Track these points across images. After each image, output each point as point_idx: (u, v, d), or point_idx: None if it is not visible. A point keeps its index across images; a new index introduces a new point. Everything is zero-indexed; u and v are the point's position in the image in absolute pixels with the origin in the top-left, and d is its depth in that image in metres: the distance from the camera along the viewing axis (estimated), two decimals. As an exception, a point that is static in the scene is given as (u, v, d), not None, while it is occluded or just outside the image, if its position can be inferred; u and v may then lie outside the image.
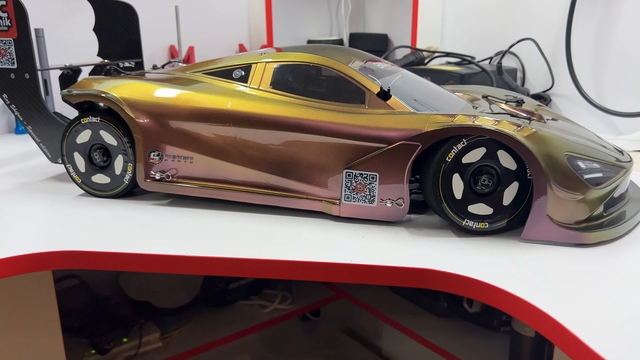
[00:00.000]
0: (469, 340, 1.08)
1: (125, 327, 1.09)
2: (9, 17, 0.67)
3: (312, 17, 1.44)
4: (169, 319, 1.16)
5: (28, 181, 0.72)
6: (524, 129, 0.49)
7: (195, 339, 1.15)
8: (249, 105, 0.58)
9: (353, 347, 1.44)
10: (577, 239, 0.50)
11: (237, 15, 1.33)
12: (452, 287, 0.44)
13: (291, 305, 1.29)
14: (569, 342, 0.37)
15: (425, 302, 1.19)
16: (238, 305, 1.27)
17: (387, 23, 1.40)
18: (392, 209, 0.55)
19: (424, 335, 1.14)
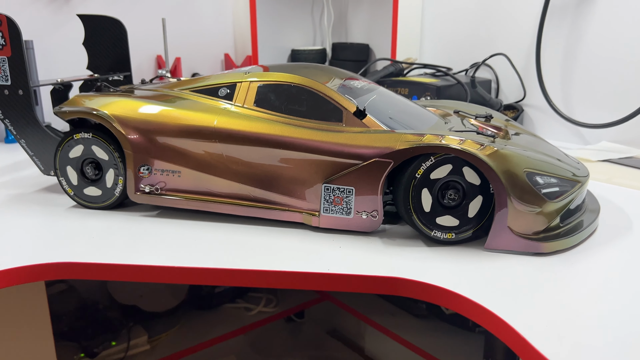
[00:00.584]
0: (445, 340, 1.12)
1: (114, 330, 1.12)
2: (3, 37, 0.70)
3: (296, 28, 1.48)
4: (157, 322, 1.20)
5: (20, 192, 0.75)
6: (486, 148, 0.54)
7: (182, 341, 1.18)
8: (234, 122, 0.62)
9: (337, 348, 1.48)
10: (535, 248, 0.54)
11: (222, 26, 1.36)
12: (421, 294, 0.49)
13: (276, 308, 1.33)
14: (520, 345, 0.41)
15: (404, 304, 1.23)
16: (224, 308, 1.30)
17: (369, 33, 1.44)
18: (367, 221, 0.59)
19: (403, 335, 1.19)
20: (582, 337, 0.41)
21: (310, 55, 1.43)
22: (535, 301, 0.46)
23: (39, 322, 0.79)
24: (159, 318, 1.21)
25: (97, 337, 1.09)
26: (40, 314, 0.78)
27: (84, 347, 1.07)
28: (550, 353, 0.39)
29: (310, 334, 1.52)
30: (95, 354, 1.07)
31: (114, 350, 1.10)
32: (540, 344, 0.40)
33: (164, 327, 1.20)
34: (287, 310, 1.35)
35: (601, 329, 0.42)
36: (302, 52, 1.43)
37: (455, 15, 1.24)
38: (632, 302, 0.46)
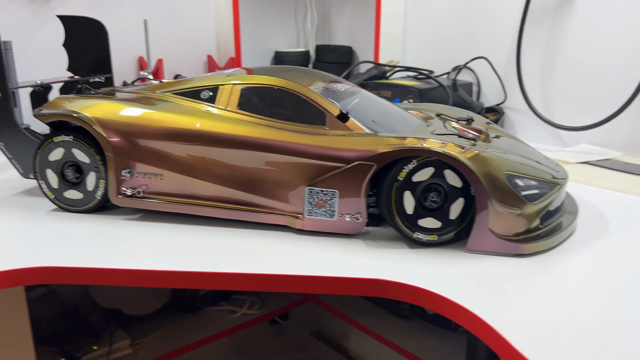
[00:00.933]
0: (428, 340, 1.13)
1: (95, 334, 1.11)
2: (-20, 38, 0.68)
3: (279, 29, 1.48)
4: (139, 326, 1.18)
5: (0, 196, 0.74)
6: (467, 151, 0.55)
7: (165, 345, 1.17)
8: (217, 125, 0.62)
9: (321, 349, 1.48)
10: (515, 249, 0.55)
11: (205, 28, 1.35)
12: (405, 296, 0.49)
13: (260, 310, 1.32)
14: (501, 345, 0.42)
15: (388, 305, 1.24)
16: (207, 310, 1.29)
17: (352, 36, 1.45)
18: (350, 223, 0.59)
19: (387, 336, 1.19)
20: (561, 336, 0.42)
21: (293, 57, 1.43)
22: (515, 301, 0.47)
23: (19, 328, 0.78)
24: (142, 321, 1.20)
25: (79, 342, 1.08)
26: (19, 319, 0.77)
27: (65, 352, 1.06)
28: (529, 352, 0.40)
29: (294, 336, 1.52)
30: (76, 358, 1.06)
31: (96, 355, 1.09)
32: (520, 343, 0.40)
33: (147, 331, 1.19)
34: (271, 312, 1.35)
35: (580, 329, 0.43)
36: (286, 54, 1.43)
37: (438, 18, 1.25)
38: (610, 302, 0.47)
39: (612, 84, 0.97)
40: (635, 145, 0.96)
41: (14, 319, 0.77)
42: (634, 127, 0.95)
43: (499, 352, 0.42)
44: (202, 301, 1.28)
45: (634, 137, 0.96)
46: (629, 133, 0.96)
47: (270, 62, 1.48)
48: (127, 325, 1.17)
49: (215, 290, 1.31)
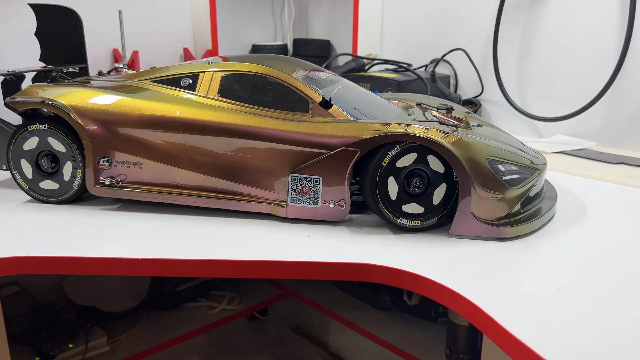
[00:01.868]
0: (408, 331, 1.14)
1: (71, 332, 1.09)
2: (-51, 24, 0.66)
3: (257, 23, 1.47)
4: (116, 323, 1.16)
5: (-30, 188, 0.72)
6: (450, 136, 0.55)
7: (143, 342, 1.15)
8: (197, 112, 0.61)
9: (301, 344, 1.48)
10: (497, 233, 0.56)
11: (181, 20, 1.34)
12: (390, 279, 0.49)
13: (239, 305, 1.31)
14: (485, 324, 0.42)
15: (368, 297, 1.24)
16: (186, 307, 1.28)
17: (330, 29, 1.45)
18: (334, 210, 0.59)
19: (367, 328, 1.20)
20: (543, 313, 0.42)
21: (271, 50, 1.42)
22: (498, 282, 0.47)
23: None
24: (119, 319, 1.17)
25: (53, 340, 1.05)
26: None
27: (39, 351, 1.03)
28: (517, 330, 0.40)
29: (273, 332, 1.51)
30: (51, 357, 1.03)
31: (72, 353, 1.06)
32: (507, 321, 0.41)
33: (124, 328, 1.16)
34: (250, 307, 1.34)
35: (565, 306, 0.43)
36: (264, 47, 1.42)
37: (415, 12, 1.26)
38: (590, 281, 0.48)
39: (585, 76, 0.99)
40: (608, 135, 0.98)
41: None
42: (606, 119, 0.97)
43: (486, 332, 0.42)
44: (180, 297, 1.27)
45: (607, 128, 0.98)
46: (601, 124, 0.98)
47: (248, 55, 1.47)
48: (104, 323, 1.15)
49: (194, 286, 1.29)
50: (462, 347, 1.02)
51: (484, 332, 0.42)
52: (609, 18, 0.94)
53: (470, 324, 1.00)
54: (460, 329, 1.01)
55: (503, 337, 0.40)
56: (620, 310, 0.43)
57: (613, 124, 0.97)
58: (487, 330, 0.41)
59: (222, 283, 1.36)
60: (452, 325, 1.03)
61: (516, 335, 0.39)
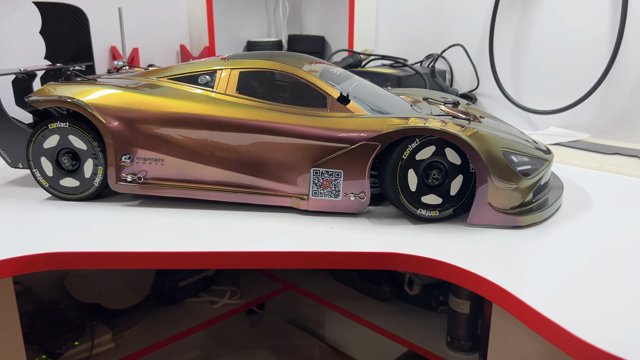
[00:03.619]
0: (409, 320, 1.17)
1: (76, 330, 1.09)
2: (-36, 23, 0.66)
3: (251, 19, 1.48)
4: (120, 320, 1.17)
5: (-14, 187, 0.72)
6: (467, 129, 0.57)
7: (147, 337, 1.16)
8: (218, 109, 0.62)
9: (299, 337, 1.50)
10: (512, 222, 0.58)
11: (177, 17, 1.34)
12: (417, 267, 0.51)
13: (240, 300, 1.33)
14: (513, 304, 0.45)
15: (367, 288, 1.27)
16: (188, 302, 1.29)
17: (324, 25, 1.46)
18: (355, 202, 0.61)
19: (368, 318, 1.22)
20: (561, 291, 0.45)
21: (266, 46, 1.43)
22: (519, 266, 0.50)
23: (7, 322, 0.75)
24: (122, 315, 1.18)
25: (59, 338, 1.06)
26: (8, 314, 0.75)
27: (46, 349, 1.03)
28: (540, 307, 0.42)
29: (271, 325, 1.53)
30: (58, 355, 1.03)
31: (78, 350, 1.06)
32: (531, 300, 0.43)
33: (128, 324, 1.17)
34: (251, 301, 1.35)
35: (582, 284, 0.46)
36: (259, 43, 1.43)
37: (409, 7, 1.28)
38: (607, 262, 0.51)
39: (577, 70, 1.03)
40: (601, 127, 1.02)
41: (2, 314, 0.75)
42: (599, 111, 1.01)
43: (511, 311, 0.44)
44: (182, 293, 1.28)
45: (599, 119, 1.02)
46: (594, 116, 1.02)
47: (243, 51, 1.47)
48: (108, 320, 1.15)
49: (195, 282, 1.30)
50: (462, 334, 1.05)
51: (513, 313, 0.45)
52: (601, 14, 0.98)
53: (471, 311, 1.03)
54: (461, 316, 1.05)
55: (535, 319, 0.42)
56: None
57: (605, 116, 1.01)
58: (515, 312, 0.44)
59: (222, 278, 1.37)
60: (452, 313, 1.06)
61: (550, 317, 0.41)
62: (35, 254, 0.52)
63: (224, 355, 1.38)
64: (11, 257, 0.51)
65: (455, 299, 1.05)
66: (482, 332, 1.04)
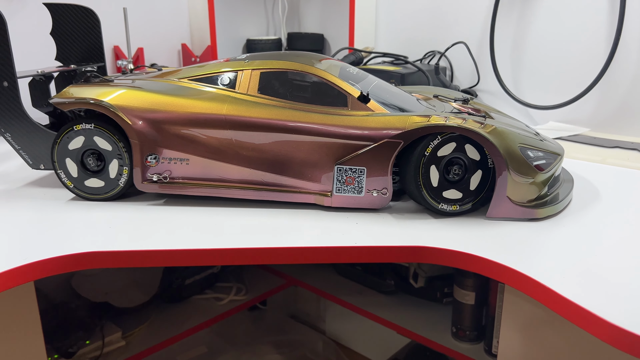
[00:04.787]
0: (414, 312, 1.19)
1: (86, 329, 1.10)
2: (-16, 26, 0.67)
3: (250, 17, 1.49)
4: (128, 318, 1.18)
5: (7, 188, 0.72)
6: (486, 126, 0.60)
7: (156, 335, 1.17)
8: (243, 110, 0.64)
9: (302, 331, 1.52)
10: (530, 214, 0.61)
11: (178, 16, 1.34)
12: (445, 260, 0.54)
13: (246, 296, 1.34)
14: (542, 292, 0.47)
15: (372, 282, 1.29)
16: (194, 299, 1.30)
17: (322, 23, 1.48)
18: (377, 198, 0.63)
19: (373, 311, 1.24)
20: (587, 278, 0.48)
21: (266, 45, 1.44)
22: (541, 256, 0.52)
23: (29, 323, 0.76)
24: (130, 314, 1.19)
25: (70, 337, 1.06)
26: (30, 315, 0.76)
27: (58, 348, 1.04)
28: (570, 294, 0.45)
29: (274, 320, 1.55)
30: (70, 354, 1.04)
31: (90, 349, 1.07)
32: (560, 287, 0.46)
33: (136, 323, 1.18)
34: (256, 297, 1.37)
35: (606, 271, 0.49)
36: (259, 42, 1.44)
37: (409, 4, 1.30)
38: (620, 250, 0.54)
39: (576, 66, 1.06)
40: (599, 121, 1.05)
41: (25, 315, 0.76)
42: (597, 105, 1.05)
43: (543, 300, 0.47)
44: (188, 290, 1.29)
45: (598, 114, 1.05)
46: (593, 110, 1.06)
47: (242, 49, 1.48)
48: (117, 318, 1.16)
49: (201, 279, 1.31)
50: (468, 324, 1.08)
51: (542, 301, 0.47)
52: (599, 11, 1.01)
53: (476, 302, 1.06)
54: (466, 307, 1.07)
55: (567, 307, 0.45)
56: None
57: (603, 111, 1.04)
58: (549, 303, 0.46)
59: (227, 275, 1.39)
60: (457, 304, 1.08)
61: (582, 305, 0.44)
62: (75, 253, 0.53)
63: (229, 351, 1.39)
64: (54, 256, 0.52)
65: (460, 290, 1.08)
66: (486, 322, 1.07)
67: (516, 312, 0.74)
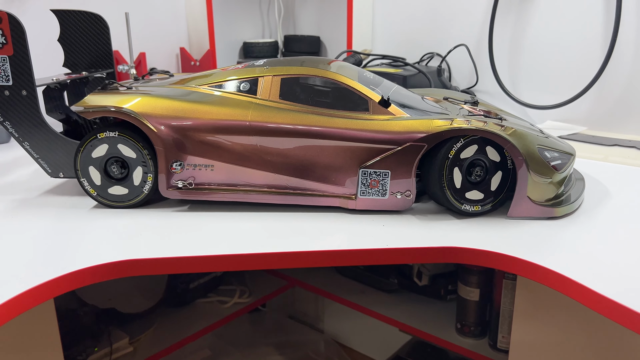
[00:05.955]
0: (418, 310, 1.21)
1: (94, 336, 1.09)
2: (3, 34, 0.66)
3: (246, 20, 1.49)
4: (134, 324, 1.17)
5: (25, 197, 0.72)
6: (506, 128, 0.62)
7: (162, 340, 1.17)
8: (268, 116, 0.65)
9: (302, 332, 1.53)
10: (549, 213, 0.63)
11: (176, 21, 1.34)
12: (480, 260, 0.55)
13: (249, 298, 1.35)
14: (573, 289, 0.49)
15: (375, 281, 1.31)
16: (198, 303, 1.30)
17: (318, 26, 1.49)
18: (401, 200, 0.65)
19: (377, 310, 1.26)
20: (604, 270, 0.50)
21: (263, 47, 1.45)
22: (566, 252, 0.55)
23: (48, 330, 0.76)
24: (136, 319, 1.19)
25: (79, 344, 1.06)
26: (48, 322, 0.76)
27: (67, 356, 1.03)
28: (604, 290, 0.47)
29: (274, 321, 1.56)
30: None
31: (98, 356, 1.07)
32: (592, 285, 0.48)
33: (142, 328, 1.18)
34: (259, 299, 1.38)
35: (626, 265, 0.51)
36: (255, 44, 1.45)
37: (405, 7, 1.32)
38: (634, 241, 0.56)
39: (573, 66, 1.09)
40: (595, 119, 1.08)
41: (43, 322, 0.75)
42: (593, 104, 1.08)
43: (576, 297, 0.49)
44: (192, 294, 1.29)
45: (594, 112, 1.08)
46: (589, 109, 1.09)
47: (239, 52, 1.49)
48: (123, 324, 1.16)
49: (204, 283, 1.31)
50: (472, 320, 1.10)
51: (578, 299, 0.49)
52: (595, 12, 1.04)
53: (480, 299, 1.08)
54: (470, 304, 1.10)
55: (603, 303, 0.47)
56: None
57: (599, 110, 1.07)
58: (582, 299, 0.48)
59: (230, 278, 1.39)
60: (462, 301, 1.11)
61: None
62: (114, 261, 0.53)
63: (233, 354, 1.40)
64: (93, 265, 0.52)
65: (464, 287, 1.10)
66: (490, 317, 1.09)
67: (529, 307, 0.76)
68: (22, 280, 0.49)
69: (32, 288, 0.48)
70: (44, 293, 0.49)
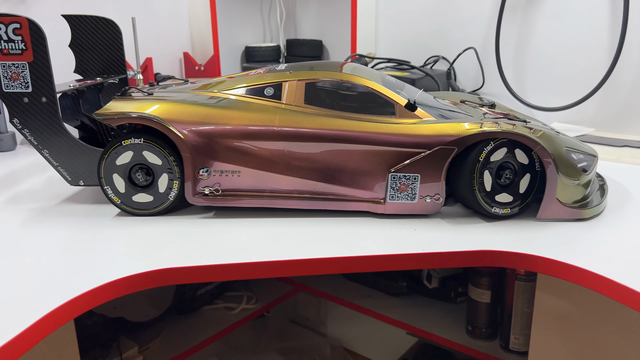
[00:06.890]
0: (428, 313, 1.21)
1: (104, 346, 1.07)
2: (23, 40, 0.65)
3: (248, 25, 1.49)
4: (143, 332, 1.16)
5: (44, 206, 0.70)
6: (535, 131, 0.62)
7: (171, 348, 1.15)
8: (295, 121, 0.64)
9: (307, 337, 1.52)
10: (578, 215, 0.64)
11: (179, 26, 1.33)
12: (519, 264, 0.55)
13: (257, 304, 1.34)
14: (615, 290, 0.49)
15: (383, 285, 1.30)
16: (205, 310, 1.29)
17: (320, 30, 1.49)
18: (430, 204, 0.64)
19: (386, 313, 1.26)
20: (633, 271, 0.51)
21: (266, 52, 1.44)
22: (603, 253, 0.55)
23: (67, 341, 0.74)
24: (144, 328, 1.17)
25: (89, 355, 1.04)
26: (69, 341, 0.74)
27: (77, 368, 1.01)
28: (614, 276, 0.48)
29: (278, 327, 1.54)
30: (91, 372, 1.02)
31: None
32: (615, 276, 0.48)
33: (151, 336, 1.16)
34: (266, 305, 1.37)
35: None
36: (258, 49, 1.44)
37: (408, 10, 1.33)
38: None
39: (579, 68, 1.10)
40: (602, 121, 1.10)
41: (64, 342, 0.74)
42: (600, 106, 1.09)
43: (618, 298, 0.49)
44: (199, 301, 1.27)
45: (600, 114, 1.10)
46: (595, 111, 1.10)
47: (241, 57, 1.48)
48: (132, 333, 1.14)
49: (211, 290, 1.30)
50: (483, 322, 1.11)
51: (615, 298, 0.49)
52: (601, 15, 1.05)
53: (492, 300, 1.08)
54: (481, 305, 1.10)
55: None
56: None
57: (606, 111, 1.09)
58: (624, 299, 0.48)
59: (236, 284, 1.38)
60: (472, 303, 1.11)
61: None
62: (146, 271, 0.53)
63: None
64: (136, 273, 0.51)
65: (475, 289, 1.10)
66: (501, 319, 1.09)
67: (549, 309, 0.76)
68: (61, 291, 0.48)
69: (71, 300, 0.47)
70: (81, 305, 0.48)
